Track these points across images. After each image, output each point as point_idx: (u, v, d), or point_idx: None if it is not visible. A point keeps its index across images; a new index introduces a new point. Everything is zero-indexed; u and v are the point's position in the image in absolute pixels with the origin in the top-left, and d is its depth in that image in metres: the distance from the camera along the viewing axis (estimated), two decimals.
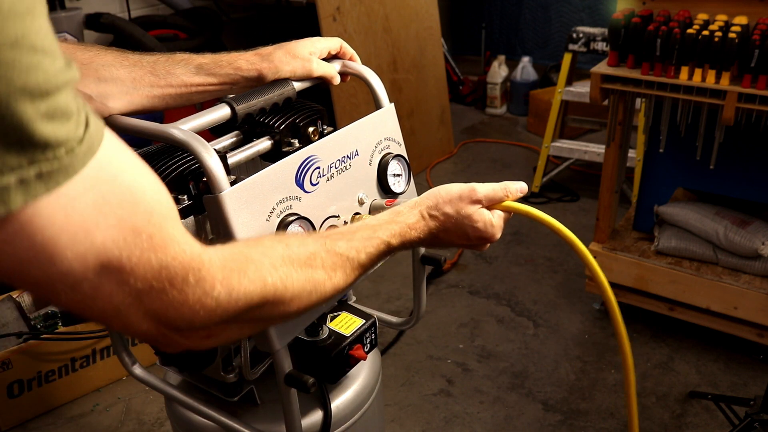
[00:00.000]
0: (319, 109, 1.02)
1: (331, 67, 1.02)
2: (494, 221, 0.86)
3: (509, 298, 2.56)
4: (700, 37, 1.78)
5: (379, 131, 1.02)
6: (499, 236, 0.87)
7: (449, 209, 0.83)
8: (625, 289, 2.28)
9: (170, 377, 1.11)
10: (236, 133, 0.98)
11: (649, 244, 2.28)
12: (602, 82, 1.99)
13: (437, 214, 0.83)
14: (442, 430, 1.97)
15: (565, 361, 2.22)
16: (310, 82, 1.01)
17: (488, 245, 0.89)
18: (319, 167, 0.91)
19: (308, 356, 1.01)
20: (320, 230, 0.91)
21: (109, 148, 0.49)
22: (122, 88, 0.87)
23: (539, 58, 4.70)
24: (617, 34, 1.94)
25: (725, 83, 1.80)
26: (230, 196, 0.79)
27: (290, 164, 0.87)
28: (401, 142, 1.07)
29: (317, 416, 1.03)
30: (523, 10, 4.77)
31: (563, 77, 3.12)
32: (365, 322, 1.07)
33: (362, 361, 1.04)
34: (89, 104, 0.50)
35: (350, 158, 0.96)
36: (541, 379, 2.15)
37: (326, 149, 0.93)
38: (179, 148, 0.82)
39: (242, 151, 0.92)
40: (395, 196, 1.04)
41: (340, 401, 1.06)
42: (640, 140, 2.86)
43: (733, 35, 1.73)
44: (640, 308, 2.31)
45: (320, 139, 0.95)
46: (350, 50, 1.07)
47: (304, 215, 0.87)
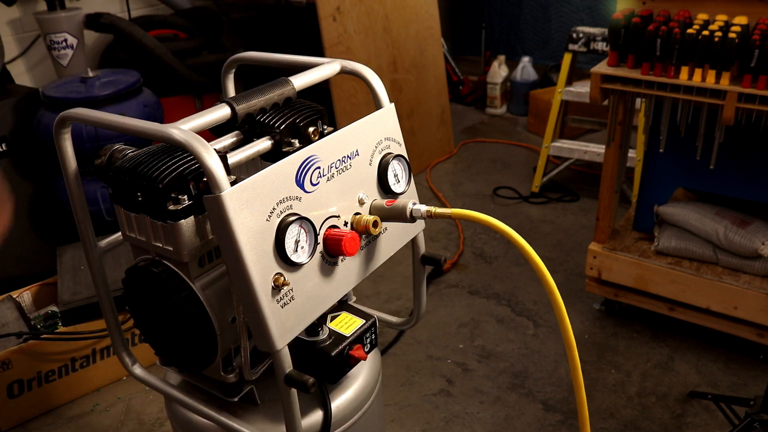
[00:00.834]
0: (319, 109, 1.02)
1: None
2: None
3: (509, 298, 2.56)
4: (700, 37, 1.78)
5: (379, 131, 1.02)
6: None
7: None
8: (625, 289, 2.29)
9: (170, 377, 1.11)
10: (236, 133, 0.98)
11: (649, 244, 2.28)
12: (602, 82, 1.99)
13: None
14: (442, 430, 1.97)
15: (565, 361, 2.22)
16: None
17: None
18: (319, 167, 0.91)
19: (308, 356, 1.01)
20: (320, 230, 0.91)
21: None
22: None
23: (539, 58, 4.70)
24: (617, 34, 1.94)
25: (725, 83, 1.80)
26: (230, 196, 0.79)
27: (290, 164, 0.87)
28: (401, 142, 1.07)
29: (317, 416, 1.03)
30: (523, 10, 4.77)
31: (563, 77, 3.12)
32: (365, 322, 1.07)
33: (362, 361, 1.04)
34: None
35: (350, 158, 0.96)
36: (541, 379, 2.15)
37: (326, 149, 0.93)
38: (179, 148, 0.82)
39: (242, 151, 0.92)
40: (395, 196, 1.04)
41: (340, 401, 1.06)
42: (640, 140, 2.86)
43: (733, 35, 1.73)
44: (640, 308, 2.31)
45: (320, 139, 0.95)
46: None
47: (304, 215, 0.87)
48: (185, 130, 0.82)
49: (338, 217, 0.94)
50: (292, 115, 0.98)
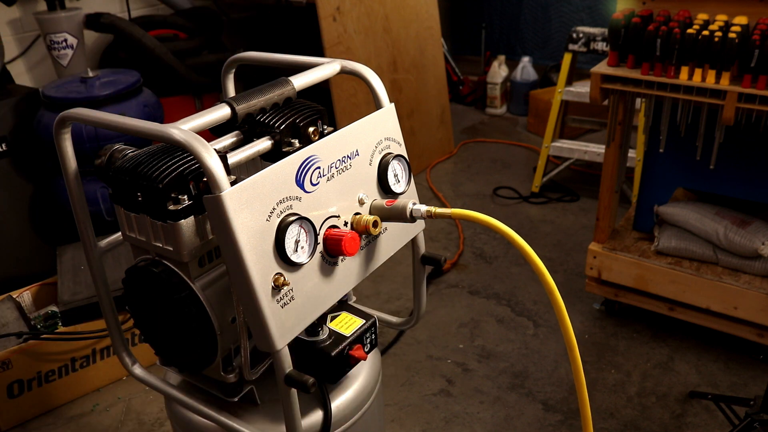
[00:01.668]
0: (319, 109, 1.02)
1: None
2: None
3: (509, 298, 2.56)
4: (700, 37, 1.78)
5: (379, 131, 1.02)
6: None
7: None
8: (625, 289, 2.29)
9: (170, 377, 1.11)
10: (236, 133, 0.98)
11: (649, 244, 2.28)
12: (602, 82, 1.99)
13: None
14: (442, 430, 1.97)
15: (565, 361, 2.22)
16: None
17: None
18: (319, 167, 0.91)
19: (308, 356, 1.01)
20: (320, 230, 0.91)
21: None
22: None
23: (539, 58, 4.70)
24: (617, 34, 1.94)
25: (725, 83, 1.80)
26: (230, 196, 0.79)
27: (290, 164, 0.87)
28: (401, 142, 1.07)
29: (317, 416, 1.03)
30: (523, 10, 4.77)
31: (563, 77, 3.12)
32: (365, 322, 1.07)
33: (362, 361, 1.04)
34: None
35: (350, 158, 0.96)
36: (541, 379, 2.15)
37: (326, 149, 0.93)
38: (179, 148, 0.82)
39: (242, 151, 0.92)
40: (395, 196, 1.04)
41: (340, 401, 1.06)
42: (640, 140, 2.86)
43: (733, 35, 1.73)
44: (640, 308, 2.31)
45: (320, 139, 0.95)
46: None
47: (304, 215, 0.87)
48: (185, 130, 0.82)
49: (338, 217, 0.94)
50: (292, 115, 0.98)
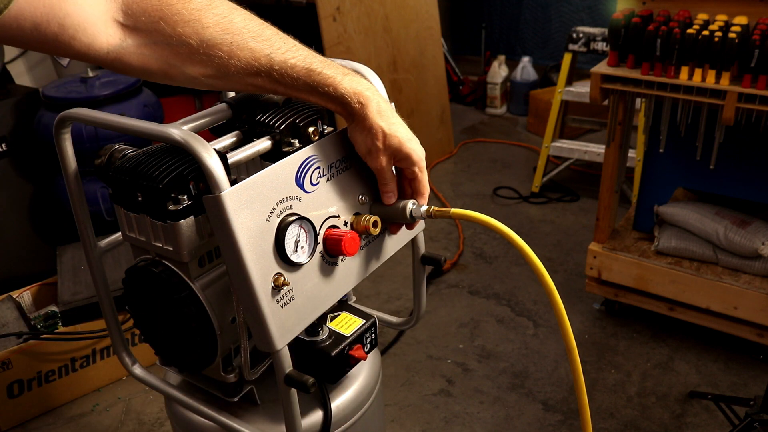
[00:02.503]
0: (319, 109, 1.02)
1: (390, 179, 0.94)
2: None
3: (509, 298, 2.56)
4: (700, 37, 1.78)
5: None
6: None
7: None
8: (625, 289, 2.29)
9: (170, 377, 1.11)
10: (236, 133, 0.98)
11: (649, 244, 2.28)
12: (602, 82, 1.99)
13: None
14: (442, 430, 1.97)
15: (565, 361, 2.22)
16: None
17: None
18: (319, 167, 0.91)
19: (308, 356, 1.01)
20: (320, 230, 0.91)
21: None
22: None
23: (539, 58, 4.70)
24: (617, 34, 1.94)
25: (725, 83, 1.80)
26: (230, 196, 0.79)
27: (290, 164, 0.87)
28: None
29: (317, 416, 1.03)
30: (523, 10, 4.77)
31: (563, 77, 3.12)
32: (365, 322, 1.06)
33: (362, 361, 1.04)
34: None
35: (350, 158, 0.96)
36: (541, 379, 2.15)
37: (326, 149, 0.93)
38: (179, 148, 0.82)
39: (242, 151, 0.92)
40: None
41: (340, 401, 1.06)
42: (640, 140, 2.86)
43: (733, 35, 1.74)
44: (640, 308, 2.31)
45: (320, 139, 0.95)
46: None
47: (304, 215, 0.87)
48: (185, 130, 0.82)
49: (338, 217, 0.94)
50: (292, 115, 0.97)
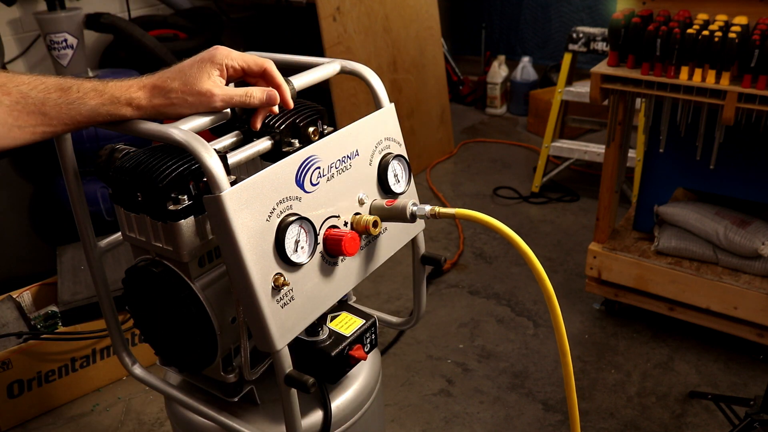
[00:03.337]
0: (319, 109, 1.02)
1: (242, 92, 0.89)
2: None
3: (509, 298, 2.56)
4: (700, 37, 1.78)
5: (379, 131, 1.02)
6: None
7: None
8: (625, 289, 2.29)
9: (170, 377, 1.11)
10: (236, 133, 0.98)
11: (649, 244, 2.28)
12: (602, 82, 1.99)
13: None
14: (442, 430, 1.97)
15: None
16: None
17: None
18: (319, 167, 0.91)
19: (308, 356, 1.01)
20: (320, 230, 0.91)
21: None
22: None
23: (539, 58, 4.70)
24: (617, 34, 1.94)
25: (725, 83, 1.80)
26: (230, 196, 0.79)
27: (290, 164, 0.87)
28: (401, 142, 1.07)
29: (317, 416, 1.03)
30: (523, 10, 4.77)
31: (563, 77, 3.12)
32: (365, 322, 1.06)
33: (362, 361, 1.04)
34: None
35: (350, 158, 0.96)
36: (541, 379, 2.15)
37: (326, 149, 0.93)
38: (179, 148, 0.82)
39: (242, 151, 0.92)
40: (395, 196, 1.04)
41: (340, 401, 1.06)
42: (640, 140, 2.86)
43: (733, 35, 1.73)
44: (640, 308, 2.31)
45: (320, 139, 0.95)
46: (279, 79, 0.92)
47: (304, 215, 0.87)
48: (185, 130, 0.82)
49: (338, 217, 0.94)
50: (292, 115, 0.98)
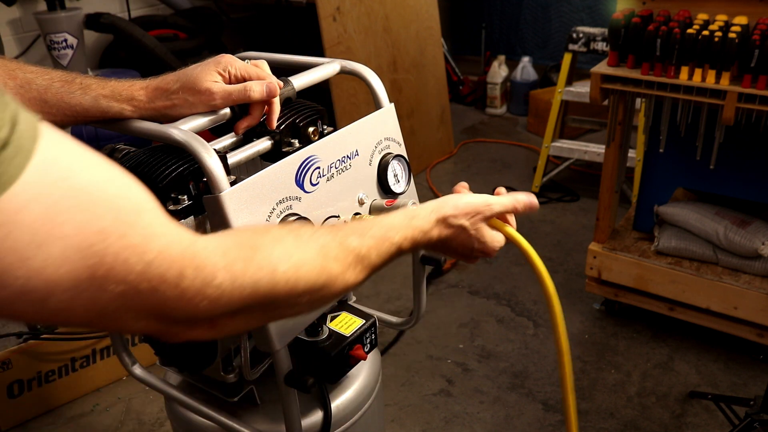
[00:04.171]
0: (319, 109, 1.02)
1: (240, 87, 0.89)
2: (499, 238, 0.87)
3: (509, 298, 2.56)
4: (700, 37, 1.78)
5: (379, 131, 1.02)
6: (496, 253, 0.88)
7: (465, 222, 0.82)
8: (625, 289, 2.29)
9: (170, 377, 1.11)
10: None
11: (649, 244, 2.28)
12: (602, 82, 1.98)
13: (454, 222, 0.82)
14: (442, 430, 1.97)
15: None
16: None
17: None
18: (319, 167, 0.91)
19: (308, 356, 1.01)
20: None
21: (52, 147, 0.44)
22: None
23: (539, 58, 4.70)
24: (617, 34, 1.94)
25: (725, 83, 1.79)
26: (230, 196, 0.79)
27: (290, 164, 0.87)
28: (401, 142, 1.07)
29: (317, 416, 1.03)
30: (523, 10, 4.77)
31: (563, 77, 3.12)
32: (365, 322, 1.07)
33: (362, 361, 1.04)
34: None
35: (350, 158, 0.96)
36: (541, 379, 2.15)
37: (326, 149, 0.93)
38: (179, 148, 0.82)
39: (242, 151, 0.92)
40: (395, 196, 1.04)
41: (340, 401, 1.06)
42: (640, 140, 2.86)
43: (733, 35, 1.73)
44: (640, 308, 2.31)
45: (320, 139, 0.95)
46: (273, 80, 0.92)
47: (304, 215, 0.87)
48: (185, 130, 0.82)
49: (338, 217, 0.94)
50: (291, 115, 0.98)
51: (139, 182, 0.52)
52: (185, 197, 0.86)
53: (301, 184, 0.88)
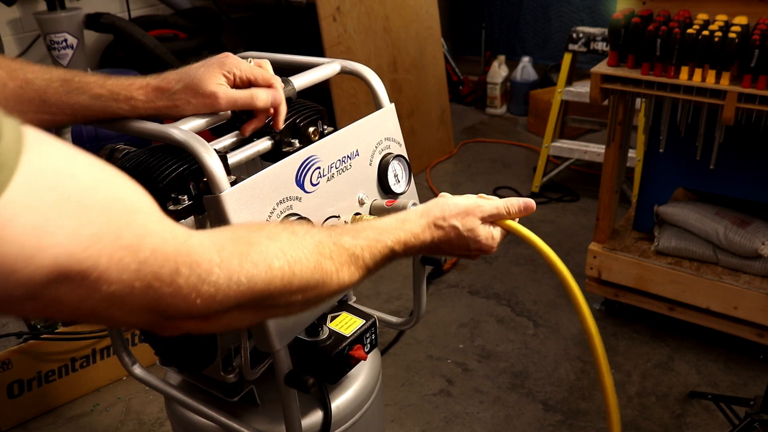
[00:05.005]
0: (319, 109, 1.02)
1: (247, 94, 0.89)
2: (495, 234, 0.88)
3: (509, 298, 2.56)
4: (700, 37, 1.78)
5: (379, 131, 1.02)
6: (496, 249, 0.88)
7: (456, 222, 0.83)
8: (625, 289, 2.28)
9: (170, 377, 1.11)
10: (236, 133, 0.98)
11: (649, 244, 2.28)
12: (602, 82, 1.98)
13: (444, 224, 0.83)
14: (442, 430, 1.97)
15: (565, 361, 2.22)
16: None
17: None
18: (319, 167, 0.91)
19: (308, 356, 1.01)
20: None
21: (37, 157, 0.43)
22: None
23: (539, 58, 4.70)
24: (617, 34, 1.94)
25: (725, 83, 1.79)
26: (230, 196, 0.79)
27: (290, 164, 0.87)
28: (401, 142, 1.07)
29: (317, 416, 1.03)
30: (523, 10, 4.77)
31: (563, 77, 3.12)
32: (365, 322, 1.06)
33: (362, 361, 1.04)
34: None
35: (350, 158, 0.96)
36: (541, 379, 2.15)
37: (326, 149, 0.93)
38: (179, 148, 0.82)
39: (242, 151, 0.92)
40: (395, 196, 1.04)
41: (340, 401, 1.06)
42: (640, 140, 2.86)
43: (733, 35, 1.73)
44: (640, 308, 2.31)
45: (320, 139, 0.95)
46: (277, 82, 0.92)
47: (304, 215, 0.87)
48: (185, 130, 0.82)
49: (338, 217, 0.94)
50: (292, 115, 0.98)
51: (133, 181, 0.51)
52: (185, 197, 0.86)
53: (301, 184, 0.88)
